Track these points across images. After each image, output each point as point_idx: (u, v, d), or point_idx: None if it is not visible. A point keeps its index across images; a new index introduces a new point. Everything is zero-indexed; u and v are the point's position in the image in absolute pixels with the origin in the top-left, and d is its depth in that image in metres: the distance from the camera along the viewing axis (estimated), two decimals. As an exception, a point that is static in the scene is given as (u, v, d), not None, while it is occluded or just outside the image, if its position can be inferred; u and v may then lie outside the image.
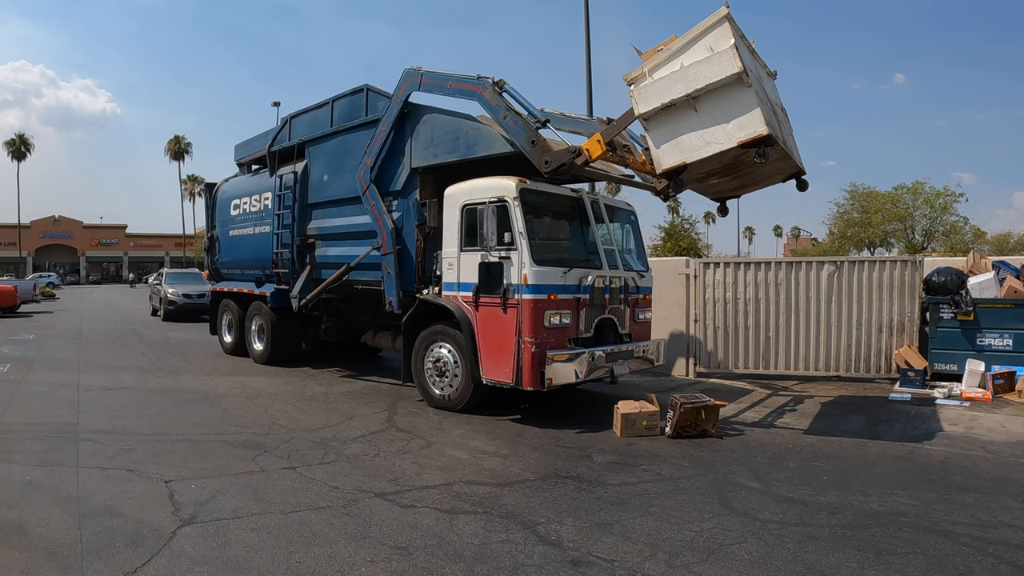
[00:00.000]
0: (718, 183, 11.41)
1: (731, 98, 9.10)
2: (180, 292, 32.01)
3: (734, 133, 9.10)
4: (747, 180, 11.30)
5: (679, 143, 9.63)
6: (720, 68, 8.99)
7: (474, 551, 5.93)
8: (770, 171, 10.82)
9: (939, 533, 6.40)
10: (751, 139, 8.99)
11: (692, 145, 9.50)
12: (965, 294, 13.76)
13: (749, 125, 8.99)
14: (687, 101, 9.33)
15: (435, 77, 12.52)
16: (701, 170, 10.19)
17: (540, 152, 10.86)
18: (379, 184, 13.46)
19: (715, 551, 5.95)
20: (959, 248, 43.16)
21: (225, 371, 16.28)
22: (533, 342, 10.47)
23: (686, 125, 9.51)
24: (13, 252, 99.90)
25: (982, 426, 10.87)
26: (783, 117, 10.72)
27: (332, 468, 8.40)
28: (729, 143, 9.16)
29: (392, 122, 13.22)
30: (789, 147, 10.18)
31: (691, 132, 9.48)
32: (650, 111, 9.69)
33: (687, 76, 9.26)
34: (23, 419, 10.98)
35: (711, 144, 9.31)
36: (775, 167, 10.59)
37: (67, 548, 5.94)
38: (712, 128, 9.27)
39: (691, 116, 9.42)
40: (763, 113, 8.93)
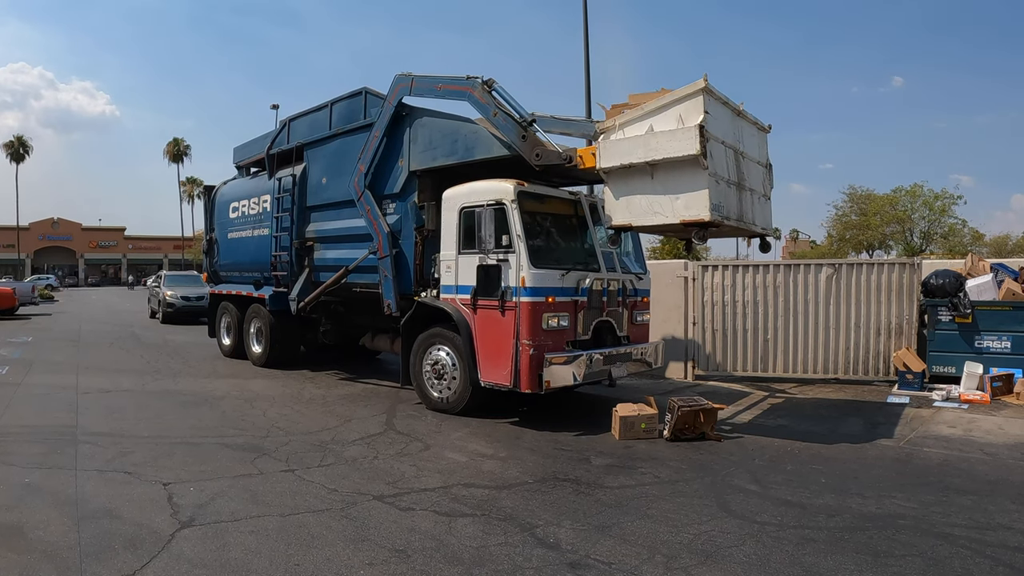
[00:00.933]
0: (674, 233, 11.78)
1: (685, 175, 9.46)
2: (179, 294, 31.95)
3: (680, 210, 9.55)
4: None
5: (630, 203, 10.13)
6: (681, 145, 9.30)
7: (472, 554, 5.94)
8: (729, 231, 11.13)
9: (937, 535, 6.41)
10: (693, 221, 9.44)
11: (641, 209, 9.99)
12: (963, 296, 13.76)
13: (695, 206, 9.39)
14: (645, 167, 9.77)
15: (425, 81, 12.65)
16: (651, 229, 10.92)
17: (531, 146, 11.08)
18: (377, 187, 13.48)
19: (713, 553, 5.96)
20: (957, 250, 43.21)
21: (224, 374, 16.28)
22: (531, 344, 10.48)
23: (640, 188, 9.97)
24: (11, 254, 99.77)
25: (980, 428, 10.88)
26: (757, 182, 11.08)
27: (331, 471, 8.41)
28: (673, 218, 9.64)
29: (384, 128, 13.30)
30: (746, 221, 10.47)
31: (643, 196, 9.96)
32: (610, 167, 10.17)
33: (650, 144, 9.64)
34: (22, 421, 10.98)
35: (657, 214, 9.80)
36: (734, 230, 11.00)
37: (66, 550, 5.94)
38: (662, 198, 9.73)
39: (647, 181, 9.87)
40: (711, 197, 9.28)
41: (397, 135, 13.13)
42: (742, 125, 10.76)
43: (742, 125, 10.76)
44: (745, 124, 10.88)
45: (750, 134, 11.01)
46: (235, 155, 19.45)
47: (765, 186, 11.49)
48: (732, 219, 9.90)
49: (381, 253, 13.10)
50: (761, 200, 11.25)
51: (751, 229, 10.86)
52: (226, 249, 19.33)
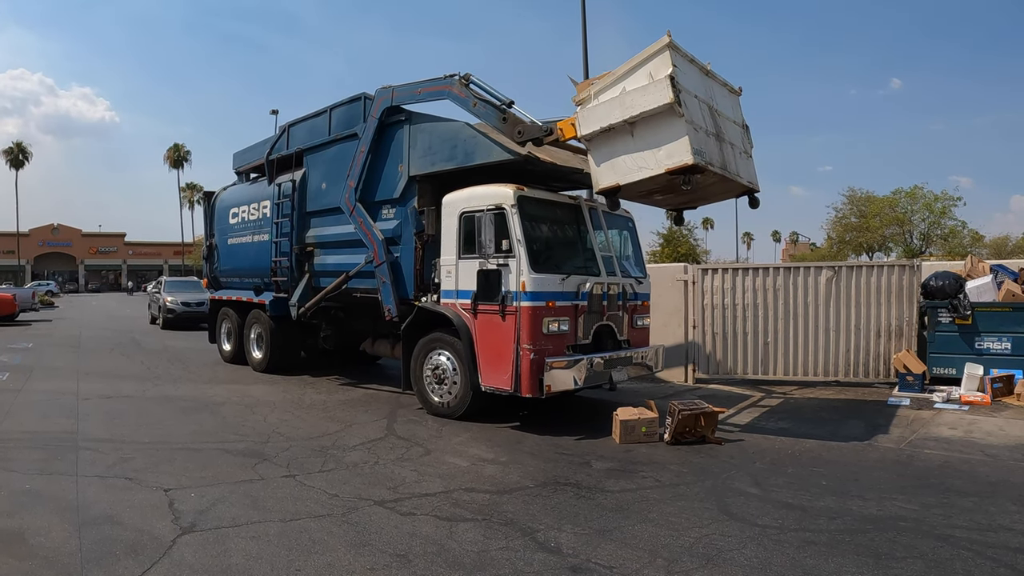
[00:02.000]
0: (664, 199, 11.84)
1: (663, 125, 9.64)
2: (179, 300, 31.92)
3: (663, 160, 9.66)
4: (695, 196, 11.58)
5: (615, 165, 10.22)
6: (655, 97, 9.53)
7: (473, 558, 5.94)
8: (716, 190, 11.26)
9: (938, 537, 6.40)
10: (678, 167, 9.52)
11: (626, 168, 10.08)
12: (963, 298, 13.76)
13: (677, 153, 9.51)
14: (625, 126, 9.95)
15: (405, 89, 12.91)
16: (639, 190, 10.73)
17: (512, 126, 11.21)
18: (376, 192, 13.54)
19: (714, 557, 5.96)
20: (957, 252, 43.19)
21: (224, 379, 16.28)
22: (532, 349, 10.48)
23: (622, 148, 10.10)
24: (12, 260, 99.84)
25: (981, 430, 10.88)
26: (736, 138, 11.17)
27: (331, 476, 8.41)
28: (658, 169, 9.73)
29: (369, 143, 13.55)
30: (730, 171, 10.57)
31: (626, 155, 10.07)
32: (591, 133, 10.33)
33: (625, 102, 9.86)
34: (22, 427, 10.97)
35: (642, 168, 9.90)
36: (721, 187, 11.08)
37: (67, 557, 5.94)
38: (644, 153, 9.85)
39: (628, 140, 10.02)
40: (692, 142, 9.44)
41: (396, 141, 13.17)
42: (712, 85, 10.92)
43: (712, 85, 10.92)
44: (716, 85, 11.05)
45: (722, 95, 11.18)
46: (235, 161, 19.46)
47: (745, 144, 11.59)
48: (716, 166, 10.00)
49: (377, 261, 13.16)
50: (743, 156, 11.35)
51: (737, 180, 10.88)
52: (226, 255, 19.35)
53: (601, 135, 10.27)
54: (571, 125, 10.77)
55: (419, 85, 12.74)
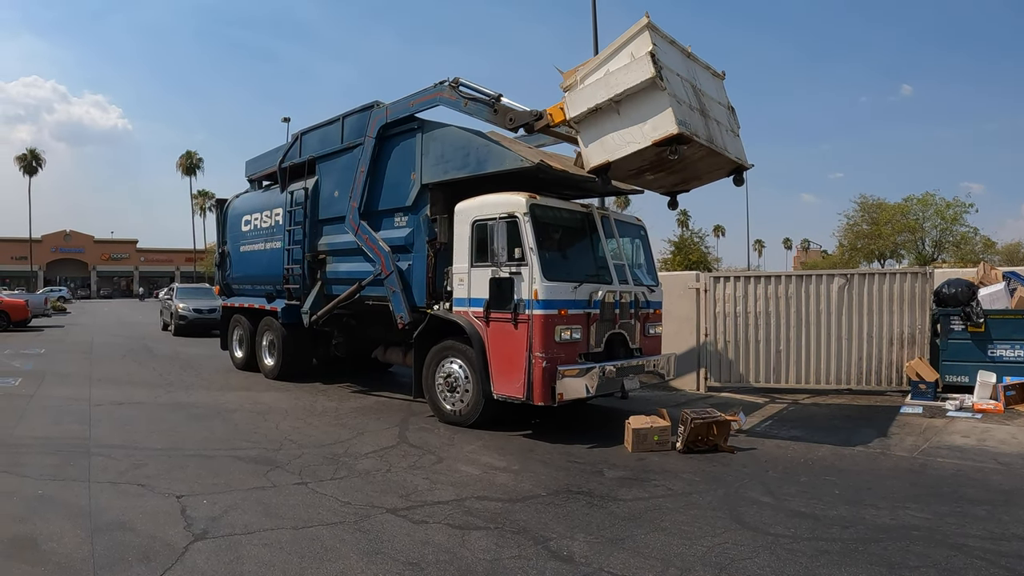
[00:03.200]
0: (655, 179, 11.91)
1: (647, 100, 9.92)
2: (191, 307, 32.03)
3: (649, 133, 9.92)
4: (686, 175, 11.86)
5: (604, 143, 10.45)
6: (637, 74, 9.84)
7: (486, 567, 5.94)
8: (705, 166, 11.44)
9: (951, 546, 6.39)
10: (663, 138, 9.77)
11: (614, 145, 10.31)
12: (976, 305, 13.73)
13: (662, 125, 9.77)
14: (611, 105, 10.22)
15: (399, 104, 13.27)
16: (628, 167, 10.97)
17: (503, 116, 11.60)
18: (389, 201, 13.59)
19: (727, 566, 5.95)
20: (969, 259, 42.99)
21: (236, 386, 16.30)
22: (544, 357, 10.48)
23: (610, 126, 10.36)
24: (24, 266, 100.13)
25: (994, 438, 10.85)
26: (722, 116, 11.36)
27: (344, 484, 8.41)
28: (645, 142, 9.98)
29: (369, 162, 13.83)
30: (717, 144, 10.76)
31: (614, 132, 10.33)
32: (579, 115, 10.58)
33: (610, 82, 10.16)
34: (35, 433, 11.02)
35: (630, 143, 10.14)
36: (710, 163, 11.26)
37: (79, 563, 5.96)
38: (631, 128, 10.12)
39: (614, 118, 10.28)
40: (675, 113, 9.69)
41: (408, 149, 13.19)
42: (695, 67, 11.16)
43: (695, 67, 11.16)
44: (698, 67, 11.28)
45: (705, 77, 11.43)
46: (247, 168, 19.50)
47: (732, 123, 11.75)
48: (701, 137, 10.17)
49: (385, 272, 13.24)
50: (730, 134, 11.53)
51: (725, 154, 11.01)
52: (238, 262, 19.39)
53: (589, 116, 10.54)
54: (560, 110, 10.99)
55: (412, 97, 12.99)
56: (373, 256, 13.61)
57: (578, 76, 10.70)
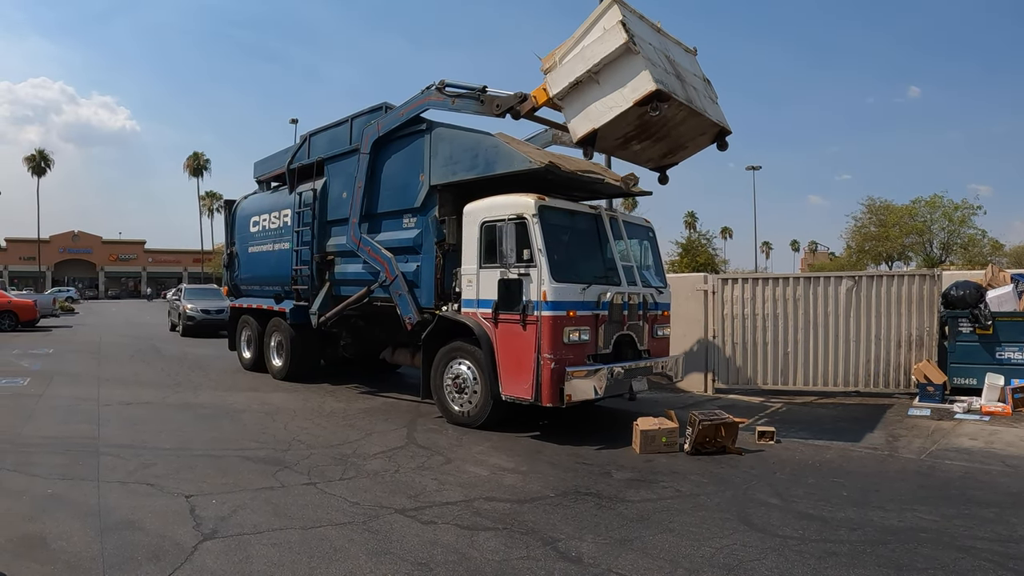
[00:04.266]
0: (641, 148, 11.96)
1: (624, 66, 10.25)
2: (199, 308, 32.07)
3: (629, 95, 10.19)
4: (671, 144, 12.01)
5: (588, 113, 10.71)
6: (610, 43, 10.25)
7: (495, 568, 5.95)
8: (687, 131, 11.63)
9: (959, 549, 6.40)
10: (643, 96, 10.03)
11: (598, 112, 10.58)
12: (984, 308, 13.71)
13: (640, 86, 10.06)
14: (590, 77, 10.55)
15: (388, 117, 13.86)
16: (615, 135, 11.09)
17: (489, 104, 11.89)
18: (397, 202, 13.65)
19: (735, 567, 5.96)
20: (977, 261, 42.88)
21: (244, 387, 16.33)
22: (552, 358, 10.49)
23: (592, 96, 10.65)
24: (32, 266, 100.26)
25: (1002, 440, 10.85)
26: (698, 85, 11.67)
27: (352, 484, 8.43)
28: (626, 103, 10.23)
29: (365, 177, 14.14)
30: (696, 105, 11.00)
31: (596, 102, 10.61)
32: (561, 91, 10.90)
33: (586, 55, 10.56)
34: (44, 433, 11.06)
35: (612, 108, 10.41)
36: (692, 126, 11.47)
37: (89, 562, 5.98)
38: (612, 94, 10.40)
39: (595, 88, 10.59)
40: (652, 73, 10.01)
41: (416, 150, 13.25)
42: (666, 41, 11.47)
43: (666, 41, 11.47)
44: (669, 42, 11.57)
45: (678, 52, 11.70)
46: (255, 169, 19.55)
47: (708, 92, 11.99)
48: (679, 96, 10.46)
49: (390, 278, 13.33)
50: (708, 100, 11.72)
51: (706, 116, 11.19)
52: (246, 263, 19.42)
53: (571, 91, 10.83)
54: (543, 90, 11.30)
55: (401, 108, 13.38)
56: (377, 265, 13.71)
57: (556, 57, 11.03)
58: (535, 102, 11.51)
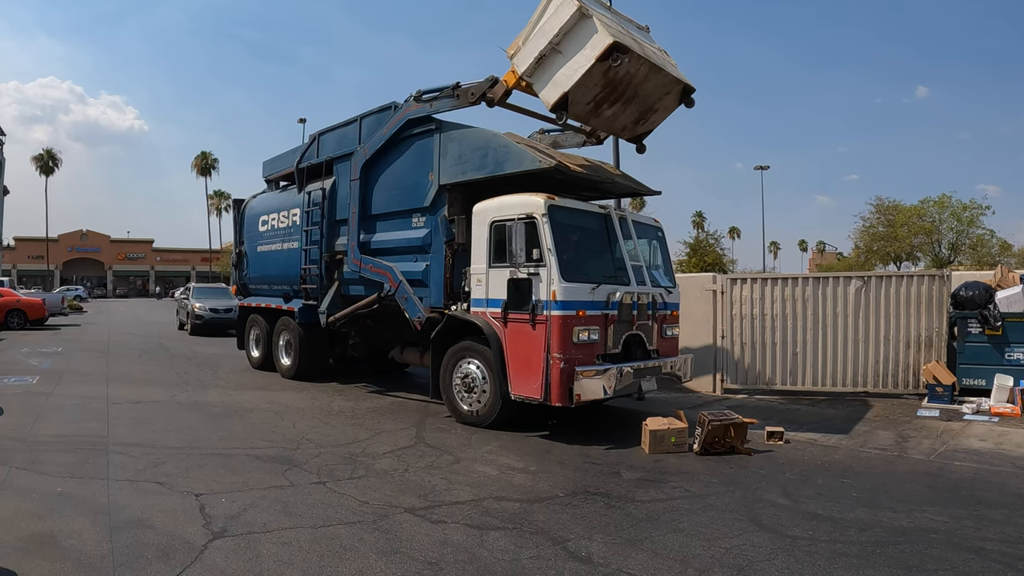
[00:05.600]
0: (613, 113, 12.18)
1: (581, 31, 10.85)
2: (207, 307, 32.14)
3: (590, 53, 10.73)
4: (641, 106, 12.30)
5: (555, 80, 11.18)
6: (564, 13, 10.90)
7: (505, 567, 5.96)
8: (653, 89, 11.98)
9: (969, 550, 6.38)
10: (603, 50, 10.58)
11: (565, 77, 11.05)
12: (993, 308, 13.67)
13: (599, 42, 10.62)
14: (552, 49, 11.11)
15: (372, 139, 14.46)
16: (585, 99, 11.39)
17: (464, 96, 12.40)
18: (407, 201, 13.68)
19: (745, 568, 5.96)
20: (985, 261, 42.78)
21: (253, 386, 16.35)
22: (562, 358, 10.49)
23: (557, 65, 11.18)
24: (41, 265, 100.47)
25: (1011, 441, 10.82)
26: (655, 48, 12.27)
27: (362, 483, 8.44)
28: (589, 61, 10.73)
29: (359, 202, 14.68)
30: (656, 60, 11.58)
31: (561, 69, 11.13)
32: (528, 68, 11.40)
33: (545, 30, 11.16)
34: (53, 431, 11.07)
35: (577, 70, 10.90)
36: (656, 83, 11.88)
37: (99, 560, 5.99)
38: (575, 57, 10.93)
39: (559, 58, 11.14)
40: (608, 30, 10.60)
41: (425, 150, 13.30)
42: (619, 17, 12.01)
43: (619, 17, 12.01)
44: (622, 19, 12.10)
45: (632, 27, 12.21)
46: (264, 169, 19.56)
47: (666, 58, 12.40)
48: (635, 48, 10.97)
49: (393, 286, 13.48)
50: (666, 62, 12.15)
51: (667, 71, 11.75)
52: (255, 262, 19.44)
53: (537, 67, 11.32)
54: (511, 73, 11.78)
55: (383, 126, 14.01)
56: (381, 278, 13.85)
57: (519, 42, 11.56)
58: (506, 85, 11.89)
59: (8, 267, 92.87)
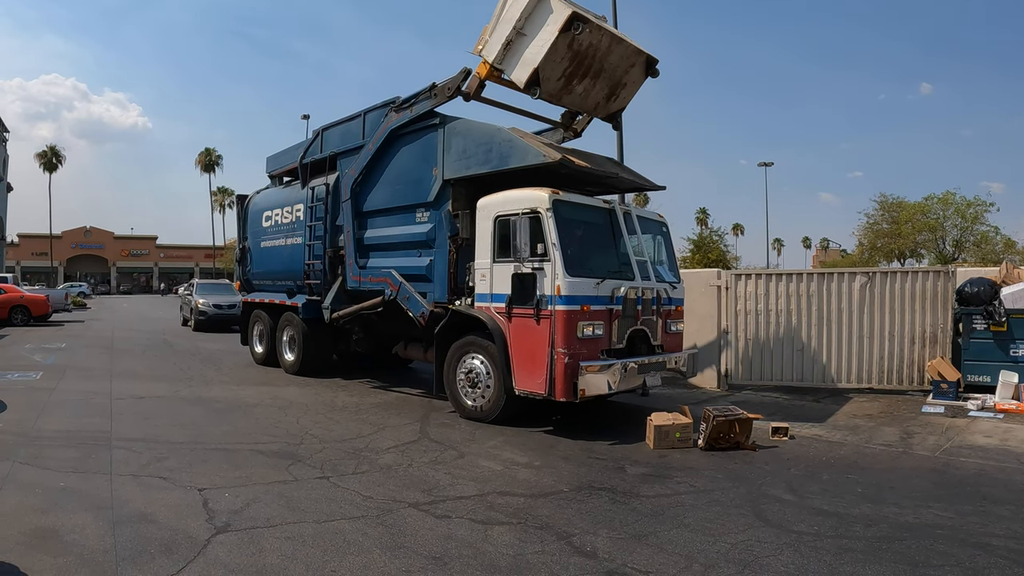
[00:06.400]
0: (584, 89, 12.66)
1: (541, 11, 11.49)
2: (211, 303, 32.07)
3: (552, 28, 11.31)
4: (609, 80, 12.85)
5: (524, 60, 11.74)
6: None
7: (509, 562, 5.94)
8: (617, 61, 12.60)
9: (975, 546, 6.37)
10: (564, 21, 11.17)
11: (532, 54, 11.61)
12: (998, 305, 13.63)
13: (559, 16, 11.24)
14: (517, 34, 11.73)
15: (360, 155, 14.89)
16: (555, 75, 11.89)
17: (442, 93, 12.86)
18: (410, 196, 13.66)
19: (751, 563, 5.94)
20: (990, 258, 42.62)
21: (256, 381, 16.35)
22: (566, 353, 10.47)
23: (523, 47, 11.77)
24: (45, 262, 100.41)
25: (1016, 438, 10.80)
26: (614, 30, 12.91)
27: (365, 478, 8.43)
28: (552, 35, 11.30)
29: (352, 225, 14.88)
30: (617, 32, 12.59)
31: (528, 48, 11.71)
32: (497, 55, 11.95)
33: (507, 18, 11.84)
34: (56, 426, 11.05)
35: (543, 45, 11.45)
36: (620, 55, 12.50)
37: (101, 554, 5.98)
38: (539, 35, 11.51)
39: (524, 40, 11.75)
40: (565, 4, 11.27)
41: (429, 145, 13.29)
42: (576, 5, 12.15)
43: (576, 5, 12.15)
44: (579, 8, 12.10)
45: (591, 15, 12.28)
46: (268, 164, 19.55)
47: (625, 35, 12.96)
48: (593, 17, 11.80)
49: (395, 289, 13.61)
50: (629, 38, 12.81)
51: (629, 42, 12.53)
52: (259, 258, 19.44)
53: (506, 53, 11.86)
54: (483, 64, 12.26)
55: (368, 143, 14.45)
56: (381, 285, 13.97)
57: (486, 35, 12.18)
58: (479, 76, 12.28)
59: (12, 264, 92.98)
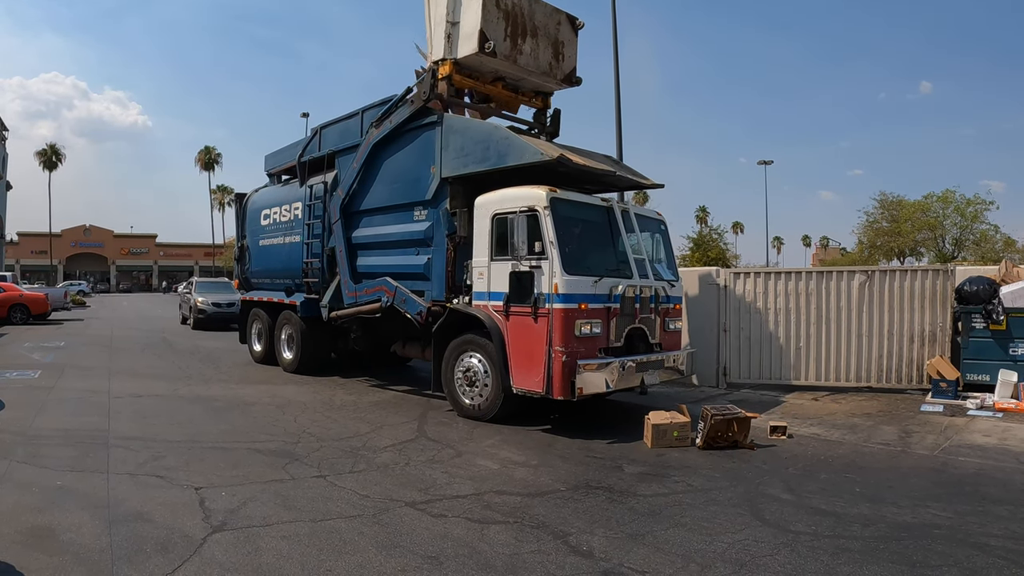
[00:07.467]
0: (531, 49, 13.60)
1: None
2: (210, 301, 31.99)
3: None
4: (548, 38, 13.89)
5: (466, 33, 12.87)
6: None
7: (505, 561, 5.92)
8: (544, 19, 13.79)
9: (973, 546, 6.35)
10: None
11: (470, 25, 12.73)
12: (997, 303, 13.61)
13: None
14: (451, 25, 13.04)
15: (346, 175, 15.19)
16: (499, 35, 12.88)
17: (419, 97, 13.35)
18: (408, 194, 13.64)
19: (748, 563, 5.92)
20: (989, 257, 42.61)
21: (255, 380, 16.33)
22: (564, 351, 10.45)
23: (461, 28, 12.98)
24: (44, 260, 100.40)
25: (1015, 437, 10.77)
26: None
27: (362, 477, 8.41)
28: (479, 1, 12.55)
29: (343, 241, 14.98)
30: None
31: (464, 25, 12.88)
32: (446, 49, 13.06)
33: (438, 19, 13.22)
34: (54, 425, 11.04)
35: (475, 12, 12.61)
36: (543, 13, 13.76)
37: (98, 553, 5.97)
38: (466, 13, 12.86)
39: (459, 26, 12.99)
40: None
41: (427, 143, 13.25)
42: None
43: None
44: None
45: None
46: (266, 163, 19.54)
47: None
48: None
49: (390, 295, 13.69)
50: None
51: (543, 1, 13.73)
52: (257, 256, 19.42)
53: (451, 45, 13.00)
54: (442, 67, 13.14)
55: (352, 162, 14.99)
56: (378, 295, 14.04)
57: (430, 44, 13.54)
58: (444, 72, 13.07)
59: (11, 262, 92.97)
